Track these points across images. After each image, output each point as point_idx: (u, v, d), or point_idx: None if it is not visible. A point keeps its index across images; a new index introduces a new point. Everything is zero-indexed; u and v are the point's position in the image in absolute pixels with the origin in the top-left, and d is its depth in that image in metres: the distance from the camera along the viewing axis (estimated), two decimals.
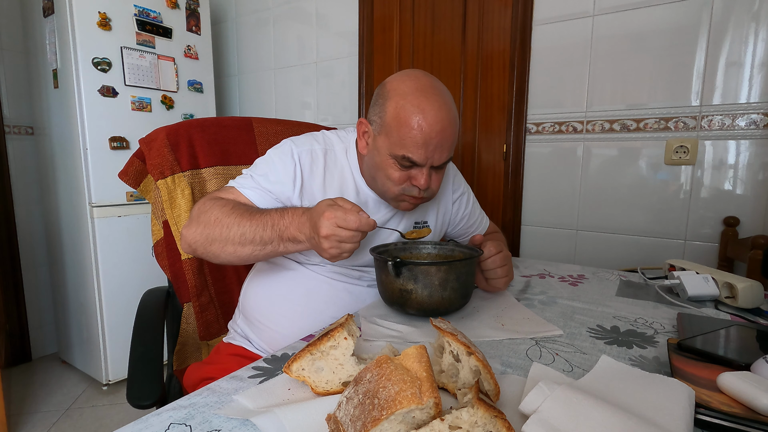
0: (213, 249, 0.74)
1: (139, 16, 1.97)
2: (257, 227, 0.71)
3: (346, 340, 0.50)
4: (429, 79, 0.77)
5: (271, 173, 0.81)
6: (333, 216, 0.63)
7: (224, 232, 0.72)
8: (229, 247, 0.72)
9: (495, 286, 0.84)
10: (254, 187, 0.81)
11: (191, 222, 0.77)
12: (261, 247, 0.71)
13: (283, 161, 0.82)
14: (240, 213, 0.73)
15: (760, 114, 1.35)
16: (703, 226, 1.46)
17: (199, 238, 0.75)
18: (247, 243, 0.71)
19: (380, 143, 0.78)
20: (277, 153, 0.83)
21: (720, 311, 0.79)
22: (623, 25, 1.52)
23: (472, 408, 0.37)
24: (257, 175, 0.82)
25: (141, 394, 0.66)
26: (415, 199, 0.81)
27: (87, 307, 1.96)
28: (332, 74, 2.29)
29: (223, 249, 0.73)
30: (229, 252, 0.73)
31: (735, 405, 0.43)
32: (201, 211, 0.76)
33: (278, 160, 0.82)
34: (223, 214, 0.73)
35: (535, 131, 1.73)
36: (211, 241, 0.73)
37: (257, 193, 0.80)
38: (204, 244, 0.75)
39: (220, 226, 0.72)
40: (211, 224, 0.73)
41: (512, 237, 1.81)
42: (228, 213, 0.73)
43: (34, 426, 1.72)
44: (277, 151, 0.84)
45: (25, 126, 2.20)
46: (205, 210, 0.75)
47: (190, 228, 0.76)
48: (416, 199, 0.81)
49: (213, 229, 0.73)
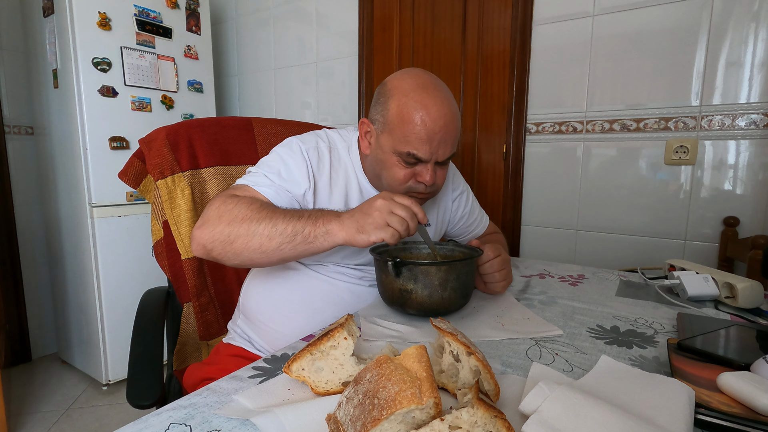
0: (234, 247, 0.71)
1: (139, 16, 1.97)
2: (289, 219, 0.69)
3: (346, 340, 0.50)
4: (429, 77, 0.78)
5: (284, 170, 0.80)
6: (387, 195, 0.68)
7: (252, 227, 0.69)
8: (255, 240, 0.69)
9: (493, 289, 0.84)
10: (269, 185, 0.78)
11: (208, 222, 0.73)
12: (290, 239, 0.68)
13: (295, 159, 0.81)
14: (271, 209, 0.71)
15: (760, 114, 1.35)
16: (703, 226, 1.46)
17: (219, 237, 0.71)
18: (277, 235, 0.68)
19: (384, 142, 0.78)
20: (286, 151, 0.82)
21: (720, 311, 0.79)
22: (623, 25, 1.52)
23: (472, 408, 0.37)
24: (270, 173, 0.80)
25: (141, 394, 0.66)
26: (422, 195, 0.81)
27: (87, 307, 1.96)
28: (332, 74, 2.29)
29: (247, 245, 0.70)
30: (254, 247, 0.70)
31: (735, 405, 0.43)
32: (223, 211, 0.72)
33: (289, 157, 0.81)
34: (252, 210, 0.71)
35: (535, 131, 1.73)
36: (234, 238, 0.70)
37: (273, 191, 0.78)
38: (223, 243, 0.71)
39: (248, 222, 0.69)
40: (238, 221, 0.70)
41: (512, 237, 1.81)
42: (257, 209, 0.71)
43: (34, 426, 1.72)
44: (286, 149, 0.83)
45: (25, 126, 2.20)
46: (229, 209, 0.72)
47: (206, 228, 0.73)
48: (422, 195, 0.81)
49: (240, 225, 0.70)
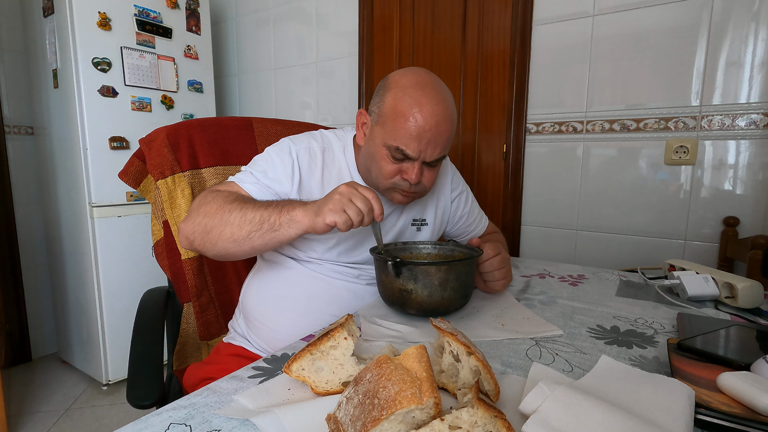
0: (211, 237, 0.73)
1: (139, 16, 1.97)
2: (258, 208, 0.71)
3: (346, 340, 0.50)
4: (430, 76, 0.79)
5: (270, 170, 0.82)
6: (353, 184, 0.69)
7: (225, 217, 0.72)
8: (227, 230, 0.71)
9: (493, 288, 0.84)
10: (254, 182, 0.81)
11: (189, 215, 0.77)
12: (258, 227, 0.70)
13: (282, 158, 0.83)
14: (243, 200, 0.74)
15: (760, 114, 1.35)
16: (703, 226, 1.46)
17: (198, 228, 0.74)
18: (246, 224, 0.70)
19: (376, 133, 0.80)
20: (276, 150, 0.85)
21: (720, 311, 0.79)
22: (623, 25, 1.52)
23: (472, 408, 0.37)
24: (256, 171, 0.83)
25: (141, 394, 0.66)
26: (406, 193, 0.81)
27: (87, 307, 1.96)
28: (332, 74, 2.29)
29: (220, 235, 0.72)
30: (227, 237, 0.72)
31: (735, 405, 0.43)
32: (201, 203, 0.76)
33: (276, 157, 0.83)
34: (225, 202, 0.74)
35: (535, 131, 1.73)
36: (210, 228, 0.73)
37: (257, 188, 0.81)
38: (202, 234, 0.74)
39: (221, 212, 0.72)
40: (212, 213, 0.73)
41: (512, 237, 1.81)
42: (230, 201, 0.74)
43: (34, 426, 1.72)
44: (276, 149, 0.85)
45: (25, 126, 2.19)
46: (207, 201, 0.76)
47: (188, 221, 0.77)
48: (407, 193, 0.81)
49: (213, 217, 0.73)
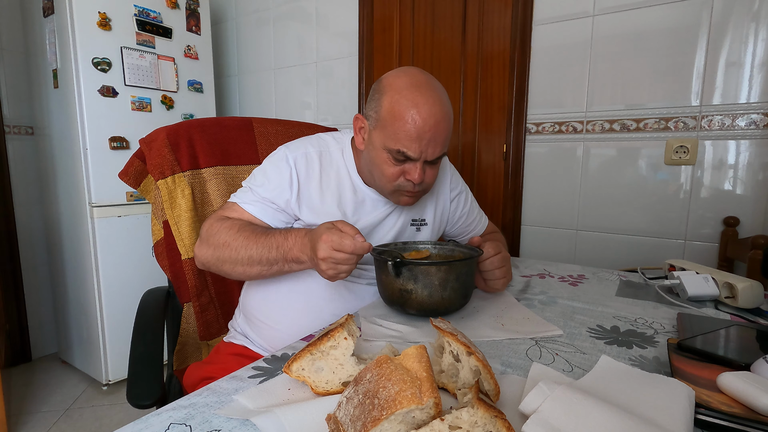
0: (224, 269, 0.80)
1: (139, 16, 1.97)
2: (263, 249, 0.75)
3: (346, 340, 0.50)
4: (424, 76, 0.79)
5: (268, 182, 0.84)
6: (330, 239, 0.65)
7: (233, 254, 0.76)
8: (239, 267, 0.77)
9: (493, 287, 0.84)
10: (255, 201, 0.84)
11: (202, 242, 0.82)
12: (268, 267, 0.76)
13: (278, 168, 0.84)
14: (246, 235, 0.77)
15: (760, 114, 1.35)
16: (703, 226, 1.46)
17: (211, 258, 0.80)
18: (255, 264, 0.76)
19: (375, 138, 0.80)
20: (272, 161, 0.86)
21: (720, 311, 0.79)
22: (623, 25, 1.52)
23: (472, 408, 0.37)
24: (255, 186, 0.85)
25: (141, 394, 0.67)
26: (410, 193, 0.82)
27: (87, 307, 1.96)
28: (332, 74, 2.29)
29: (233, 269, 0.78)
30: (239, 272, 0.78)
31: (735, 405, 0.43)
32: (209, 234, 0.80)
33: (273, 167, 0.85)
34: (230, 237, 0.77)
35: (535, 131, 1.73)
36: (222, 262, 0.79)
37: (259, 207, 0.83)
38: (216, 264, 0.80)
39: (229, 249, 0.77)
40: (221, 247, 0.78)
41: (512, 237, 1.81)
42: (235, 236, 0.77)
43: (34, 426, 1.72)
44: (272, 159, 0.87)
45: (25, 126, 2.19)
46: (214, 233, 0.79)
47: (201, 248, 0.82)
48: (411, 193, 0.82)
49: (222, 251, 0.77)
